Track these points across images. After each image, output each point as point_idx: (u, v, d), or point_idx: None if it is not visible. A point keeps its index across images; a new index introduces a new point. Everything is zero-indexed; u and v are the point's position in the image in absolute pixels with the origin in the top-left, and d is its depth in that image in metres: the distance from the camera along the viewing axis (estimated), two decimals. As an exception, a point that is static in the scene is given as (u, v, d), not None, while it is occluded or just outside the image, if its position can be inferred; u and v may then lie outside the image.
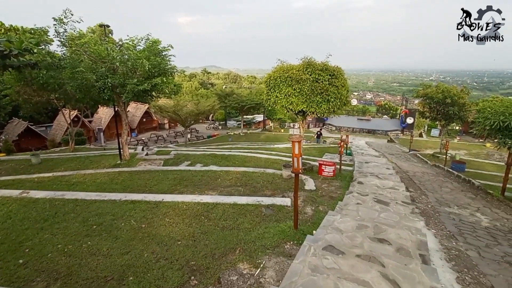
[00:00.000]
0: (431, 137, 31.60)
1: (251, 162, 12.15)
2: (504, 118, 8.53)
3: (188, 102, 25.11)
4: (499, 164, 16.42)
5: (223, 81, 79.50)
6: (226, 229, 5.37)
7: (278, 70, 9.76)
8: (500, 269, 4.44)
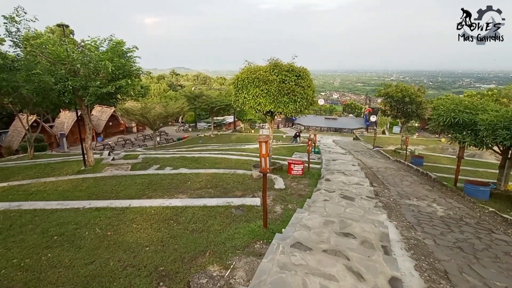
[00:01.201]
0: (393, 134, 33.64)
1: (222, 163, 12.08)
2: (455, 115, 9.31)
3: (156, 105, 24.38)
4: (452, 158, 17.88)
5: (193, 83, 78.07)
6: (196, 232, 5.26)
7: (246, 72, 9.77)
8: (452, 254, 4.81)
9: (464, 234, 5.69)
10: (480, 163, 16.88)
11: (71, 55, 9.14)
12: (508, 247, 5.19)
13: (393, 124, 35.12)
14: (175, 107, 24.89)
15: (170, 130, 35.38)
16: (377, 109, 33.32)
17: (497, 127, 7.53)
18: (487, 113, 8.31)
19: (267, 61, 10.05)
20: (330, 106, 53.87)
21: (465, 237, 5.57)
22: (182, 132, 35.28)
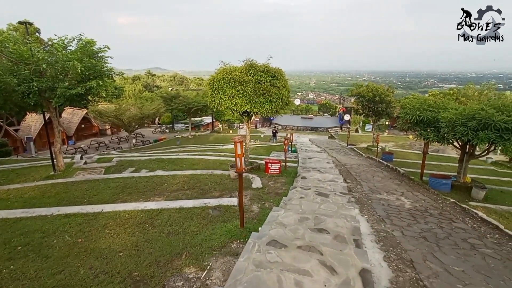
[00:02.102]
0: (366, 132, 35.06)
1: (200, 164, 11.96)
2: (420, 113, 9.87)
3: (131, 106, 23.60)
4: (419, 153, 18.95)
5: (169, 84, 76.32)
6: (172, 235, 5.19)
7: (221, 72, 9.76)
8: (418, 244, 5.14)
9: (428, 225, 6.09)
10: (443, 157, 18.05)
11: (36, 55, 8.63)
12: (465, 234, 5.64)
13: (366, 123, 36.59)
14: (151, 108, 24.27)
15: (147, 132, 34.42)
16: (350, 108, 34.50)
17: (456, 124, 8.09)
18: (447, 111, 8.91)
19: (243, 62, 10.10)
20: (306, 106, 55.02)
21: (429, 227, 5.96)
22: (159, 134, 34.46)
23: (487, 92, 23.56)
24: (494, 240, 5.46)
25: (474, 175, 11.13)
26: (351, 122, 36.99)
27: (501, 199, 8.36)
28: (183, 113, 35.12)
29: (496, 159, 18.31)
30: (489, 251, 4.96)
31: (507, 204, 7.78)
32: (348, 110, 35.67)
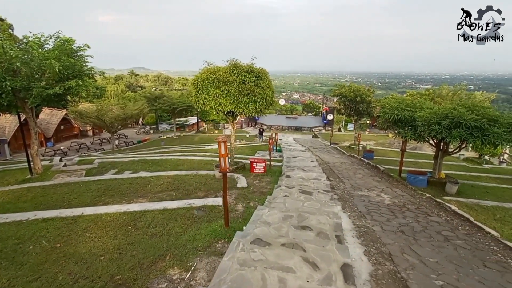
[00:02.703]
0: (348, 131, 35.83)
1: (184, 165, 11.88)
2: (398, 112, 10.25)
3: (114, 106, 22.99)
4: (398, 151, 19.62)
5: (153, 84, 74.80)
6: (155, 236, 5.15)
7: (205, 72, 9.74)
8: (396, 238, 5.36)
9: (406, 219, 6.36)
10: (420, 154, 18.82)
11: (9, 52, 8.23)
12: (440, 227, 5.94)
13: (348, 122, 37.42)
14: (134, 109, 23.75)
15: (130, 133, 33.60)
16: (333, 108, 35.20)
17: (431, 122, 8.48)
18: (423, 110, 9.32)
19: (227, 62, 10.12)
20: (291, 106, 55.52)
21: (407, 221, 6.22)
22: (142, 135, 33.72)
23: (459, 92, 24.78)
24: (465, 231, 5.79)
25: (448, 171, 11.69)
26: (334, 122, 37.72)
27: (472, 193, 8.85)
28: (168, 114, 34.60)
29: (468, 155, 19.29)
30: (460, 242, 5.26)
31: (476, 198, 8.25)
32: (331, 110, 36.36)
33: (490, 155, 18.65)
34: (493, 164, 17.56)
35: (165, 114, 36.92)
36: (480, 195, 8.63)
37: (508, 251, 4.97)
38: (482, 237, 5.55)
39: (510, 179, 11.87)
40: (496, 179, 11.74)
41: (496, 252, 4.92)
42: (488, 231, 5.68)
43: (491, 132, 7.38)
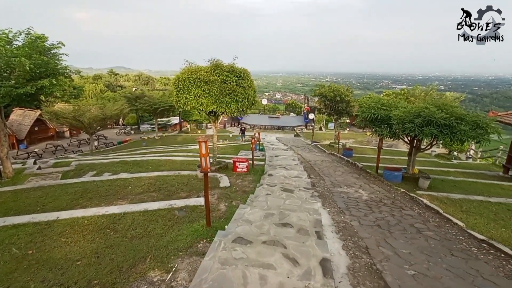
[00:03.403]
0: (329, 129, 36.62)
1: (166, 165, 11.73)
2: (374, 111, 10.64)
3: (92, 106, 22.16)
4: (375, 148, 20.28)
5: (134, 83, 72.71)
6: (135, 239, 5.08)
7: (186, 72, 9.66)
8: (372, 232, 5.61)
9: (382, 213, 6.65)
10: (396, 152, 19.60)
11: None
12: (412, 220, 6.27)
13: (328, 121, 38.25)
14: (114, 109, 23.03)
15: (110, 134, 32.58)
16: (314, 107, 35.86)
17: (405, 121, 8.88)
18: (398, 109, 9.73)
19: (208, 62, 10.07)
20: (273, 106, 55.97)
21: (382, 216, 6.51)
22: (123, 135, 32.80)
23: (431, 92, 26.06)
24: (435, 223, 6.15)
25: (421, 167, 12.27)
26: (315, 121, 38.45)
27: (442, 187, 9.36)
28: (149, 114, 33.90)
29: (439, 152, 20.31)
30: (431, 233, 5.59)
31: (446, 191, 8.74)
32: (312, 109, 37.02)
33: (458, 151, 19.73)
34: (461, 160, 18.59)
35: (147, 114, 36.16)
36: (449, 189, 9.15)
37: (472, 239, 5.36)
38: (450, 228, 5.93)
39: (475, 173, 12.65)
40: (463, 173, 12.47)
41: (461, 241, 5.28)
42: (455, 222, 6.07)
43: (458, 129, 7.84)
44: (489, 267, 4.40)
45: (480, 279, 4.08)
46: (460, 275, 4.14)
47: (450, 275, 4.13)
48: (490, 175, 12.41)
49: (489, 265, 4.46)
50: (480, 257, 4.71)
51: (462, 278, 4.06)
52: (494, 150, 18.25)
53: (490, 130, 7.97)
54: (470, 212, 6.97)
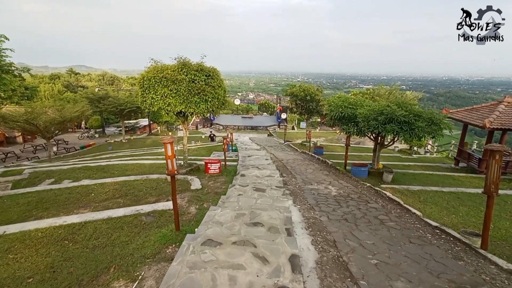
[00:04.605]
0: (301, 129, 37.51)
1: (134, 170, 11.25)
2: (342, 110, 11.05)
3: (48, 108, 20.51)
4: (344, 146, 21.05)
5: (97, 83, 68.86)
6: (97, 249, 4.81)
7: (152, 70, 9.35)
8: (340, 225, 5.81)
9: (349, 208, 6.92)
10: (363, 148, 20.54)
11: None
12: (377, 212, 6.59)
13: (300, 120, 39.12)
14: (74, 111, 21.50)
15: (72, 138, 30.57)
16: (286, 107, 36.45)
17: (369, 118, 9.32)
18: (363, 108, 10.20)
19: (175, 60, 9.81)
20: (246, 106, 56.01)
21: (350, 210, 6.77)
22: (86, 139, 30.94)
23: (394, 91, 27.65)
24: (396, 214, 6.52)
25: (385, 162, 12.97)
26: (287, 120, 39.13)
27: (403, 180, 9.97)
28: (115, 116, 32.35)
29: (401, 147, 21.65)
30: (393, 223, 5.92)
31: (407, 184, 9.33)
32: (284, 109, 37.60)
33: (418, 147, 21.14)
34: (420, 154, 19.94)
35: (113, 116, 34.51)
36: (410, 181, 9.76)
37: (427, 227, 5.78)
38: (409, 217, 6.33)
39: (431, 166, 13.66)
40: (421, 166, 13.40)
41: (418, 229, 5.67)
42: (413, 212, 6.48)
43: (416, 126, 8.39)
44: (440, 251, 4.77)
45: (432, 262, 4.40)
46: (416, 260, 4.44)
47: (408, 261, 4.41)
48: (444, 167, 13.45)
49: (440, 249, 4.84)
50: (433, 242, 5.10)
51: (417, 263, 4.36)
52: (447, 144, 19.82)
53: (443, 126, 8.62)
54: (426, 202, 7.49)
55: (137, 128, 38.46)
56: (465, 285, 3.79)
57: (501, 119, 10.90)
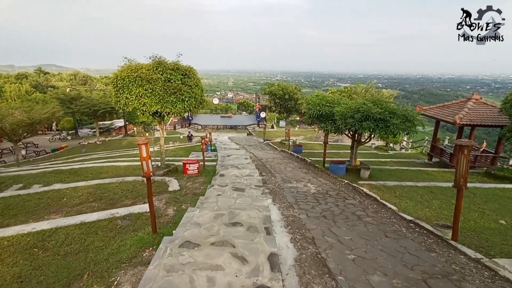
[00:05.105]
0: (280, 127, 37.82)
1: (109, 172, 10.83)
2: (320, 108, 11.24)
3: (15, 110, 19.23)
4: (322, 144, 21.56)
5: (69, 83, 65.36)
6: (70, 255, 4.58)
7: (126, 70, 9.02)
8: (318, 223, 5.89)
9: (328, 205, 7.04)
10: (341, 146, 21.08)
11: None
12: (354, 208, 6.76)
13: (279, 119, 39.45)
14: (43, 112, 20.34)
15: (42, 140, 28.86)
16: (265, 106, 36.63)
17: (346, 116, 9.53)
18: (340, 106, 10.42)
19: (150, 59, 9.52)
20: (225, 105, 55.65)
21: (328, 207, 6.89)
22: (58, 142, 29.37)
23: (370, 89, 28.59)
24: (373, 209, 6.72)
25: (363, 159, 13.36)
26: (267, 119, 39.31)
27: (380, 176, 10.33)
28: (89, 117, 30.94)
29: (378, 144, 22.46)
30: (369, 219, 6.09)
31: (383, 180, 9.66)
32: (263, 108, 37.73)
33: (393, 143, 22.03)
34: (396, 150, 20.79)
35: (86, 117, 33.01)
36: (386, 177, 10.13)
37: (402, 221, 5.98)
38: (385, 212, 6.53)
39: (407, 162, 14.28)
40: (397, 162, 13.96)
41: (394, 224, 5.86)
42: (389, 207, 6.70)
43: (391, 123, 8.69)
44: (414, 244, 4.96)
45: (407, 255, 4.56)
46: (392, 254, 4.58)
47: (384, 255, 4.54)
48: (418, 163, 14.09)
49: (415, 242, 5.03)
50: (408, 236, 5.28)
51: (393, 256, 4.50)
52: (421, 140, 20.81)
53: (416, 122, 8.99)
54: (402, 197, 7.78)
55: (113, 129, 37.11)
56: (437, 276, 3.96)
57: (469, 115, 11.56)
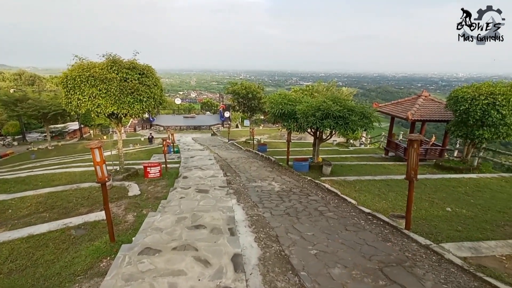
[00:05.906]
0: (245, 127, 37.99)
1: (62, 179, 10.01)
2: (282, 106, 11.44)
3: None
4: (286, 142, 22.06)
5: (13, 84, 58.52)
6: (15, 272, 4.17)
7: (77, 69, 8.35)
8: (282, 220, 6.01)
9: (291, 202, 7.21)
10: (305, 143, 21.77)
11: None
12: (317, 204, 7.02)
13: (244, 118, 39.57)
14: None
15: (-17, 147, 25.68)
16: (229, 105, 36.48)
17: (308, 114, 9.82)
18: (302, 104, 10.72)
19: (103, 57, 8.93)
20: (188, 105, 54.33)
21: (292, 204, 7.07)
22: (2, 148, 26.38)
23: (331, 88, 29.92)
24: (334, 204, 7.04)
25: (325, 155, 13.92)
26: (231, 119, 39.17)
27: (341, 171, 10.82)
28: (38, 120, 28.00)
29: (339, 141, 23.63)
30: (331, 214, 6.37)
31: (344, 175, 10.14)
32: (227, 107, 37.54)
33: (353, 139, 23.32)
34: (356, 146, 22.03)
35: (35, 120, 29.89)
36: (347, 172, 10.64)
37: (361, 214, 6.35)
38: (345, 206, 6.87)
39: (366, 157, 15.18)
40: (357, 158, 14.77)
41: (354, 217, 6.20)
42: (349, 201, 7.07)
43: (350, 120, 9.13)
44: (372, 235, 5.29)
45: (365, 246, 4.85)
46: (351, 246, 4.84)
47: (344, 247, 4.78)
48: (376, 157, 15.05)
49: (372, 233, 5.36)
50: (366, 228, 5.62)
51: (352, 249, 4.75)
52: (379, 136, 22.30)
53: (373, 119, 9.56)
54: (361, 191, 8.23)
55: (66, 133, 34.22)
56: (392, 264, 4.26)
57: (420, 111, 12.58)
